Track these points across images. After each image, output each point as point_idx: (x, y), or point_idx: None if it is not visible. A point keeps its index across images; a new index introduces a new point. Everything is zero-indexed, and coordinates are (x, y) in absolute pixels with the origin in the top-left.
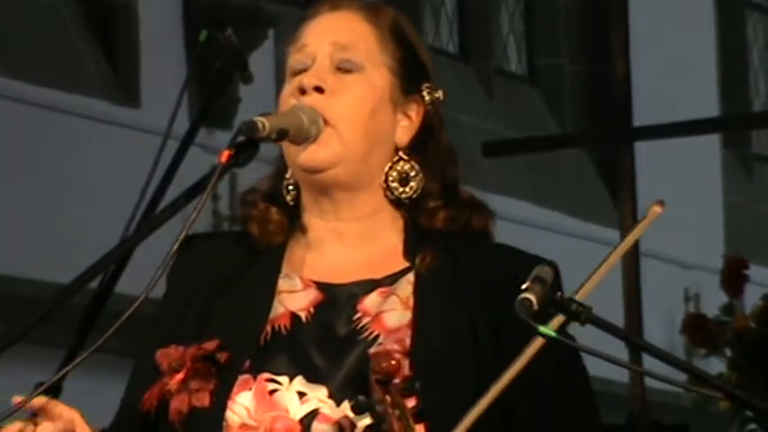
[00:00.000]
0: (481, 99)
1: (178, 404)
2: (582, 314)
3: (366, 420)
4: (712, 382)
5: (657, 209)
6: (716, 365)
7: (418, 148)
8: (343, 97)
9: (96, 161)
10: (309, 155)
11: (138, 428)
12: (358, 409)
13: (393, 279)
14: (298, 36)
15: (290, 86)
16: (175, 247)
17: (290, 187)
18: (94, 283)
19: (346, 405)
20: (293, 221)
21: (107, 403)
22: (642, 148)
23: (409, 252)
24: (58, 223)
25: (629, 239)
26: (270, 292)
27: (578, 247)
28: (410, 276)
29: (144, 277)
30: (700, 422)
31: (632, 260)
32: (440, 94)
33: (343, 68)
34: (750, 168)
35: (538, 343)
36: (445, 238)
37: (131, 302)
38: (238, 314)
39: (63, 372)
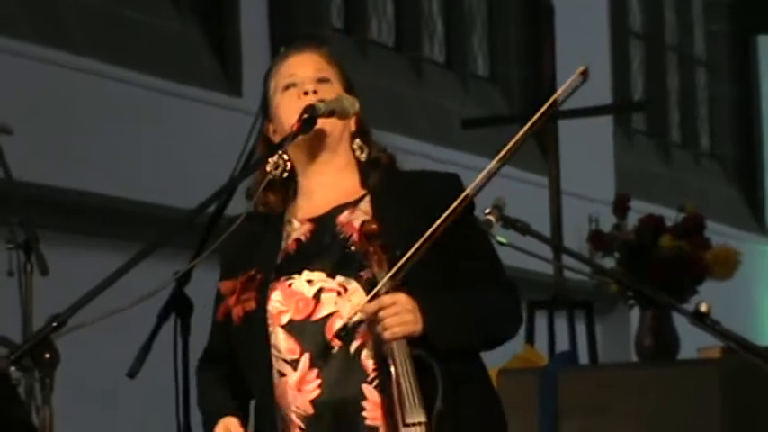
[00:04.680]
0: (462, 94)
1: (238, 311)
2: (524, 228)
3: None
4: (607, 273)
5: (580, 71)
6: (609, 263)
7: (360, 129)
8: (325, 94)
9: (207, 140)
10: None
11: (223, 335)
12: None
13: (356, 201)
14: (280, 70)
15: (290, 96)
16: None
17: (280, 165)
18: (212, 209)
19: (339, 278)
20: (288, 191)
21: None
22: (563, 125)
23: (364, 184)
24: (181, 177)
25: (560, 93)
26: (279, 233)
27: (515, 188)
28: (367, 198)
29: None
30: (599, 299)
31: (556, 196)
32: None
33: (321, 79)
34: (632, 138)
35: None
36: (380, 174)
37: (233, 221)
38: (264, 253)
39: (191, 265)
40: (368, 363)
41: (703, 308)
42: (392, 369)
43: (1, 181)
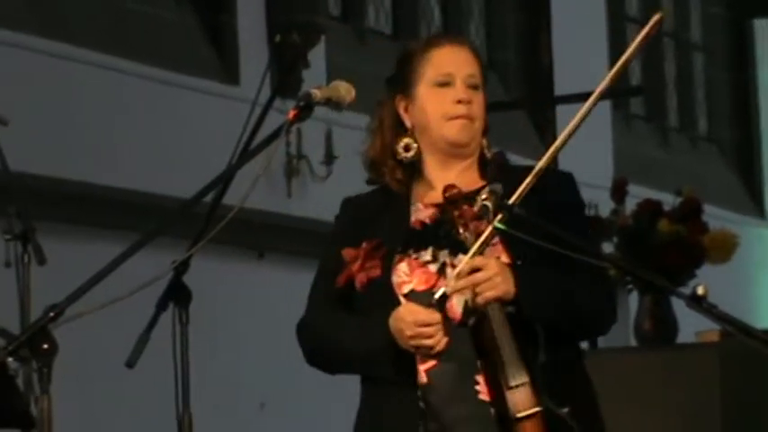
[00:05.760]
0: None
1: (361, 278)
2: (519, 215)
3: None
4: (606, 258)
5: (657, 18)
6: (608, 248)
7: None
8: (476, 105)
9: (205, 129)
10: (459, 134)
11: (336, 299)
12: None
13: (476, 191)
14: (431, 59)
15: (441, 95)
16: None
17: (411, 148)
18: (209, 197)
19: (461, 256)
20: (410, 171)
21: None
22: (561, 110)
23: (483, 176)
24: (179, 166)
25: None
26: (406, 212)
27: None
28: (486, 187)
29: (238, 192)
30: None
31: None
32: None
33: (473, 85)
34: (630, 123)
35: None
36: (497, 167)
37: (230, 210)
38: (390, 226)
39: (189, 254)
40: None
41: (700, 291)
42: (492, 332)
43: None
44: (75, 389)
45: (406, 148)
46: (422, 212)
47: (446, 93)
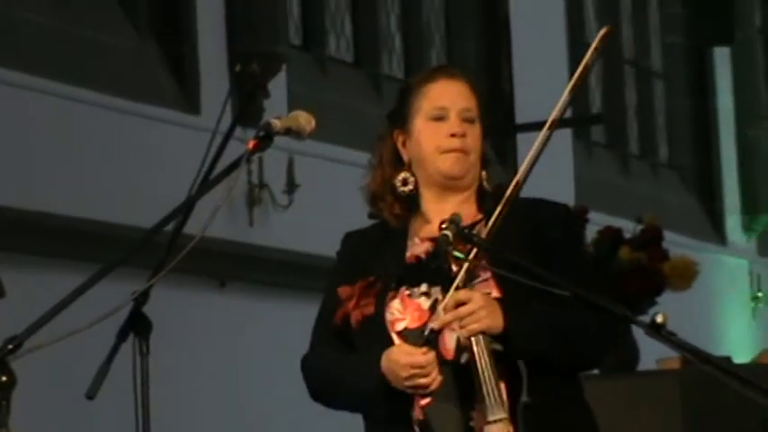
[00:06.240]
0: None
1: (356, 316)
2: (479, 243)
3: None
4: (562, 286)
5: (605, 31)
6: None
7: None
8: (471, 139)
9: (165, 158)
10: (453, 167)
11: (336, 336)
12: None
13: (473, 225)
14: (427, 93)
15: (436, 129)
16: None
17: (409, 182)
18: (170, 227)
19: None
20: (408, 205)
21: None
22: (522, 138)
23: (480, 209)
24: (139, 196)
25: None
26: (403, 247)
27: None
28: (482, 222)
29: (199, 221)
30: None
31: None
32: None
33: (468, 119)
34: (591, 150)
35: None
36: (496, 201)
37: (191, 239)
38: (385, 262)
39: (149, 284)
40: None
41: (659, 319)
42: (474, 365)
43: None
44: (35, 421)
45: (404, 182)
46: (418, 247)
47: (441, 126)
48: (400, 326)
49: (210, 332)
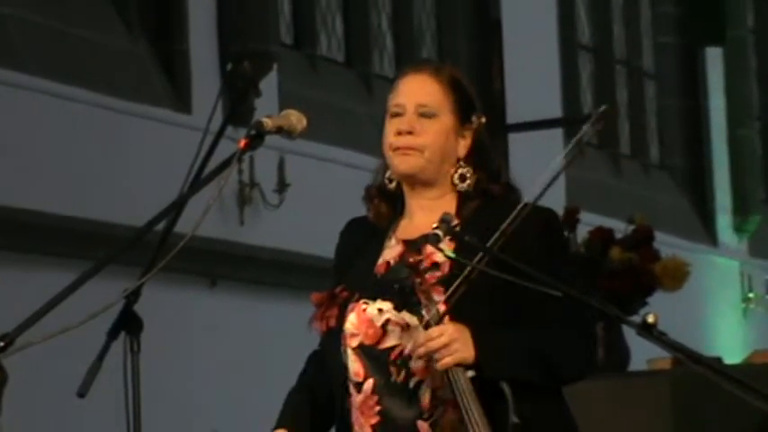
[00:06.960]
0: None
1: (322, 326)
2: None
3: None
4: (555, 286)
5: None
6: None
7: (472, 156)
8: (425, 135)
9: (156, 157)
10: (399, 166)
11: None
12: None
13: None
14: (395, 89)
15: (391, 126)
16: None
17: (393, 179)
18: (161, 225)
19: (404, 313)
20: (397, 204)
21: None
22: (513, 138)
23: (458, 213)
24: (130, 194)
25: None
26: (378, 251)
27: None
28: (457, 228)
29: (190, 220)
30: None
31: None
32: (483, 119)
33: (424, 114)
34: (581, 151)
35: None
36: (476, 204)
37: (182, 238)
38: (357, 270)
39: (140, 282)
40: (425, 398)
41: (650, 319)
42: (456, 398)
43: None
44: (26, 418)
45: (390, 179)
46: (391, 251)
47: (395, 123)
48: (355, 342)
49: (201, 331)
